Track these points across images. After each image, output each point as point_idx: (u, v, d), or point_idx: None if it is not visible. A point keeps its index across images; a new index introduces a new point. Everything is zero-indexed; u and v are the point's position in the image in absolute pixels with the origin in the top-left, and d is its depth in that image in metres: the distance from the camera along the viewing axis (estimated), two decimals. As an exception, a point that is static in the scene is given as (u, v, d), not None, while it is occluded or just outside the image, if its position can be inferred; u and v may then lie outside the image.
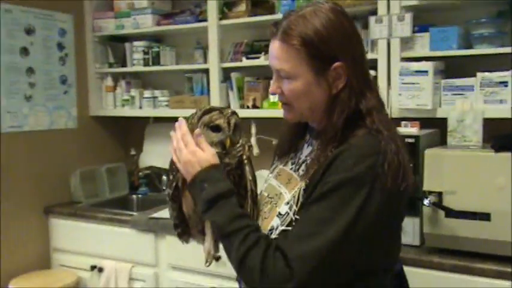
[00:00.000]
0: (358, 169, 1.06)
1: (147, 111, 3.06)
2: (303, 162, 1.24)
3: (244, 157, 1.27)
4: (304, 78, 1.14)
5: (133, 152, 3.28)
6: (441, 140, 2.12)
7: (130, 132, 3.40)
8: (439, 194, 1.86)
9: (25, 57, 2.80)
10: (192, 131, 1.23)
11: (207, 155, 1.20)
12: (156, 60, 2.96)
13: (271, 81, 1.24)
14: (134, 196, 3.21)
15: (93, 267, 2.76)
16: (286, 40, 1.13)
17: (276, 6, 2.58)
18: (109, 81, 3.15)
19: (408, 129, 2.06)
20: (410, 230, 1.99)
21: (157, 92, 3.05)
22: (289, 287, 1.03)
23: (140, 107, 3.08)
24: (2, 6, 2.67)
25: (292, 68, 1.14)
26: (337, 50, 1.13)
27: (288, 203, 1.18)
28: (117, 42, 3.16)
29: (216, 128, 1.24)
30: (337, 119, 1.14)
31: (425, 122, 2.14)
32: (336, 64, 1.12)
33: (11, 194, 2.78)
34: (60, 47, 2.98)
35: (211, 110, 1.26)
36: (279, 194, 1.23)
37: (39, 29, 2.86)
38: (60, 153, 3.02)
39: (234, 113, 1.28)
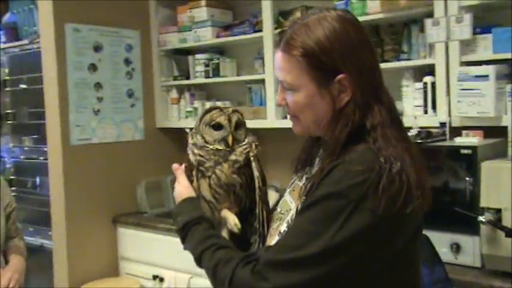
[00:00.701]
0: (343, 185, 0.99)
1: (210, 123, 3.08)
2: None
3: (251, 154, 1.26)
4: (306, 90, 1.09)
5: (199, 163, 3.32)
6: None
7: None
8: (498, 211, 1.68)
9: (93, 73, 2.94)
10: (196, 134, 1.27)
11: (181, 189, 1.27)
12: (216, 72, 2.99)
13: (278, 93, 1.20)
14: (199, 206, 3.24)
15: (154, 277, 2.82)
16: (287, 50, 1.09)
17: (331, 13, 2.49)
18: (174, 94, 3.23)
19: (466, 139, 1.89)
20: (469, 250, 1.83)
21: (219, 104, 3.07)
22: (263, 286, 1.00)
23: (203, 119, 3.11)
24: (71, 26, 2.82)
25: (294, 79, 1.09)
26: (341, 61, 1.06)
27: (288, 221, 1.13)
28: (181, 55, 3.22)
29: (218, 126, 1.26)
30: (339, 133, 1.07)
31: (492, 131, 1.96)
32: (340, 76, 1.06)
33: (81, 204, 2.92)
34: (127, 62, 3.10)
35: (212, 108, 1.28)
36: (288, 210, 1.18)
37: (107, 46, 2.99)
38: (127, 164, 3.12)
39: (235, 111, 1.29)
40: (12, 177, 3.43)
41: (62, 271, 2.89)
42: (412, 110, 2.25)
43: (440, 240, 1.79)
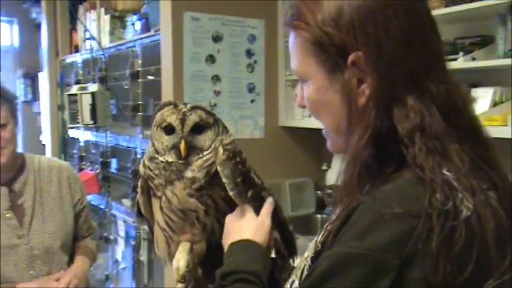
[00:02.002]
0: (371, 240, 0.64)
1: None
2: None
3: (218, 162, 0.95)
4: (315, 80, 0.79)
5: (325, 167, 2.99)
6: None
7: (323, 145, 3.10)
8: None
9: (211, 65, 2.77)
10: (150, 140, 1.01)
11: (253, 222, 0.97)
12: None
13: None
14: (319, 216, 2.91)
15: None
16: (293, 26, 0.81)
17: (480, -9, 1.96)
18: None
19: None
20: None
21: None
22: None
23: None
24: (190, 15, 2.68)
25: (300, 66, 0.81)
26: (352, 34, 0.74)
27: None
28: (309, 47, 2.90)
29: (170, 129, 0.97)
30: (354, 148, 0.73)
31: None
32: (352, 56, 0.74)
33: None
34: (249, 53, 2.87)
35: (165, 105, 0.99)
36: (306, 258, 0.84)
37: (228, 36, 2.80)
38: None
39: (196, 107, 0.97)
40: (141, 167, 3.45)
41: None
42: None
43: None
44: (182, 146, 0.96)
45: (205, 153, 0.97)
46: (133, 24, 3.34)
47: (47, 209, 1.85)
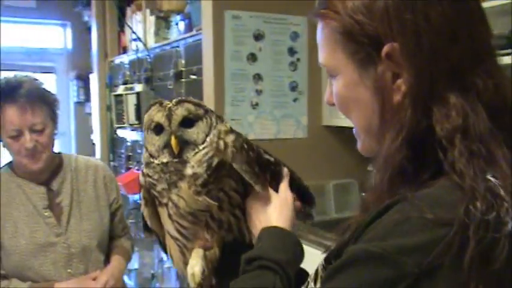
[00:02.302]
0: (394, 241, 0.58)
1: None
2: None
3: (221, 152, 0.90)
4: (344, 74, 0.72)
5: (370, 168, 2.88)
6: None
7: (369, 145, 3.01)
8: None
9: (252, 64, 2.72)
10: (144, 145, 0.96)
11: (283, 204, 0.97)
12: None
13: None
14: (364, 219, 2.81)
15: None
16: (322, 16, 0.74)
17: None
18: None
19: None
20: None
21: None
22: None
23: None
24: (231, 13, 2.65)
25: (327, 59, 0.75)
26: (387, 23, 0.66)
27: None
28: (354, 44, 2.81)
29: (159, 128, 0.92)
30: (387, 149, 0.66)
31: None
32: (386, 47, 0.66)
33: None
34: (292, 51, 2.81)
35: (151, 105, 0.94)
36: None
37: (269, 34, 2.75)
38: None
39: (182, 101, 0.92)
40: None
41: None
42: None
43: None
44: (173, 141, 0.90)
45: (201, 147, 0.92)
46: (177, 24, 3.35)
47: (83, 208, 1.85)
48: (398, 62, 0.67)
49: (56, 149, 5.91)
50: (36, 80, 1.86)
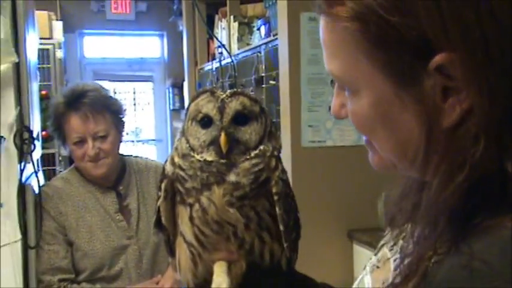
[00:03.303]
0: None
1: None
2: (410, 253, 0.60)
3: (274, 185, 0.79)
4: (372, 89, 0.56)
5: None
6: None
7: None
8: None
9: (331, 67, 2.59)
10: (182, 135, 0.84)
11: None
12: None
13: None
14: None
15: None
16: (330, 12, 0.57)
17: None
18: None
19: None
20: None
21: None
22: None
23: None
24: (307, 15, 2.54)
25: (345, 69, 0.58)
26: (438, 25, 0.50)
27: None
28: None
29: (207, 121, 0.80)
30: (442, 187, 0.52)
31: None
32: (439, 58, 0.51)
33: (310, 212, 2.63)
34: (374, 52, 2.64)
35: (200, 93, 0.82)
36: None
37: (349, 35, 2.60)
38: (367, 172, 2.67)
39: (236, 93, 0.80)
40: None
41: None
42: None
43: None
44: (223, 139, 0.79)
45: (252, 153, 0.80)
46: (258, 29, 3.31)
47: (149, 210, 1.86)
48: (452, 76, 0.51)
49: (154, 155, 6.11)
50: (102, 87, 1.90)
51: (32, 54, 1.98)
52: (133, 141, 6.20)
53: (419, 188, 0.64)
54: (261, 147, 0.81)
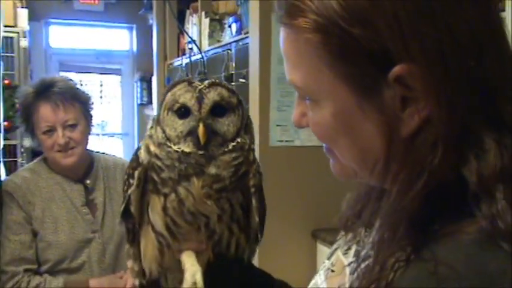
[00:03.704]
0: None
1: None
2: (366, 258, 0.63)
3: (252, 181, 0.82)
4: (333, 100, 0.57)
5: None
6: None
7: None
8: None
9: (301, 67, 2.61)
10: (156, 124, 0.83)
11: None
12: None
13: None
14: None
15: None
16: (291, 22, 0.58)
17: None
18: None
19: None
20: None
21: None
22: None
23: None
24: (279, 14, 2.55)
25: (307, 79, 0.58)
26: (397, 35, 0.52)
27: None
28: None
29: (185, 111, 0.79)
30: (402, 195, 0.53)
31: None
32: (398, 69, 0.52)
33: (277, 212, 2.65)
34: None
35: (177, 83, 0.82)
36: None
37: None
38: (332, 172, 2.71)
39: (215, 84, 0.80)
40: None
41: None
42: None
43: None
44: (201, 130, 0.78)
45: (230, 145, 0.80)
46: (230, 26, 3.30)
47: (115, 205, 1.87)
48: (411, 86, 0.52)
49: (120, 148, 6.05)
50: (70, 79, 1.92)
51: (-5, 43, 1.93)
52: (98, 134, 6.09)
53: (378, 197, 0.65)
54: (238, 139, 0.81)
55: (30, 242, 1.76)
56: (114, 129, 6.41)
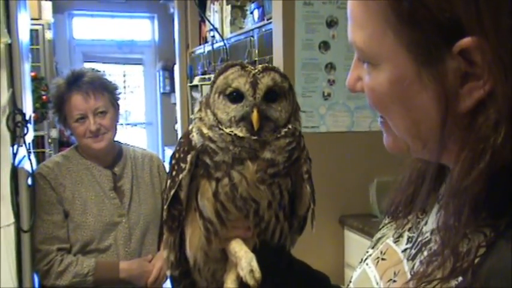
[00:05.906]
0: None
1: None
2: (426, 243, 0.61)
3: (305, 167, 0.82)
4: (393, 65, 0.56)
5: (454, 164, 2.67)
6: None
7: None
8: None
9: (325, 52, 2.59)
10: (205, 107, 0.82)
11: None
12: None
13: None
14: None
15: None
16: None
17: None
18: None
19: None
20: None
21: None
22: None
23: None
24: (301, 0, 2.53)
25: (369, 42, 0.57)
26: (469, 9, 0.50)
27: None
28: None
29: (237, 95, 0.78)
30: (464, 174, 0.52)
31: None
32: (465, 41, 0.51)
33: (303, 198, 2.65)
34: (368, 38, 2.64)
35: (229, 66, 0.79)
36: None
37: (344, 20, 2.59)
38: (360, 158, 2.69)
39: (268, 68, 0.78)
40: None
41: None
42: None
43: None
44: (255, 116, 0.76)
45: (282, 131, 0.79)
46: (252, 13, 3.28)
47: (141, 193, 1.96)
48: (473, 61, 0.52)
49: (144, 138, 6.11)
50: (98, 70, 1.98)
51: (24, 35, 1.95)
52: (122, 124, 6.16)
53: (432, 177, 0.64)
54: (290, 125, 0.80)
55: (62, 221, 1.84)
56: (137, 119, 6.46)
